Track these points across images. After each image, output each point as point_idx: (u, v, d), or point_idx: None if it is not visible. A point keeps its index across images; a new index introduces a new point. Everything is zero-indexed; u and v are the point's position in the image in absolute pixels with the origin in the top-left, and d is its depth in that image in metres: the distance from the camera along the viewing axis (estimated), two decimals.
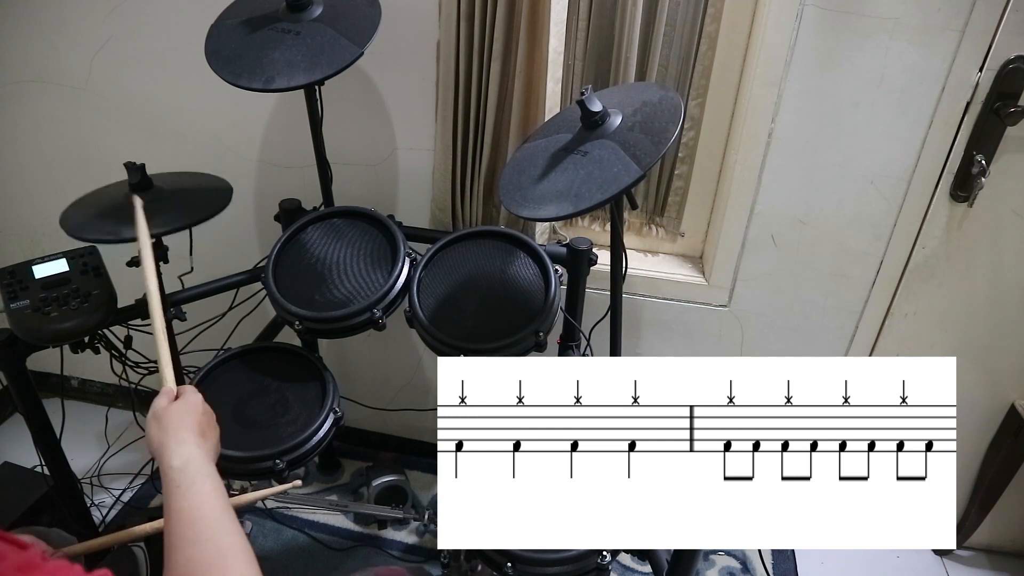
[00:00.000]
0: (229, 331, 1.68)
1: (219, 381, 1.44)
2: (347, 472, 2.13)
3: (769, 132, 1.50)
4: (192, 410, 0.88)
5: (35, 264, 1.37)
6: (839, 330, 1.73)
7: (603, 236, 1.80)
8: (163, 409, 0.87)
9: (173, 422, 0.85)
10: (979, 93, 1.38)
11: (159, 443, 0.83)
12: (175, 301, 1.47)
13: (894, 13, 1.34)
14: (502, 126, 1.54)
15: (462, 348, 1.31)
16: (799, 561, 1.89)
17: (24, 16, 1.72)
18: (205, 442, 0.86)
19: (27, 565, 0.62)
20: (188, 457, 0.81)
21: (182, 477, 0.79)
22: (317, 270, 1.43)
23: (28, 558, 0.63)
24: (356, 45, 1.28)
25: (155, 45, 1.69)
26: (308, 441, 1.34)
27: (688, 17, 1.54)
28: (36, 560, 0.63)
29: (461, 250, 1.46)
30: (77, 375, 2.34)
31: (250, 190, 1.84)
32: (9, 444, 2.10)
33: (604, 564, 1.16)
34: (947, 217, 1.52)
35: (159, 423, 0.85)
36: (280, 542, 1.88)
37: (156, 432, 0.85)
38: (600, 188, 1.10)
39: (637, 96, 1.23)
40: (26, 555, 0.63)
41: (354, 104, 1.66)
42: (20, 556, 0.63)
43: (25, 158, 1.94)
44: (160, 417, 0.86)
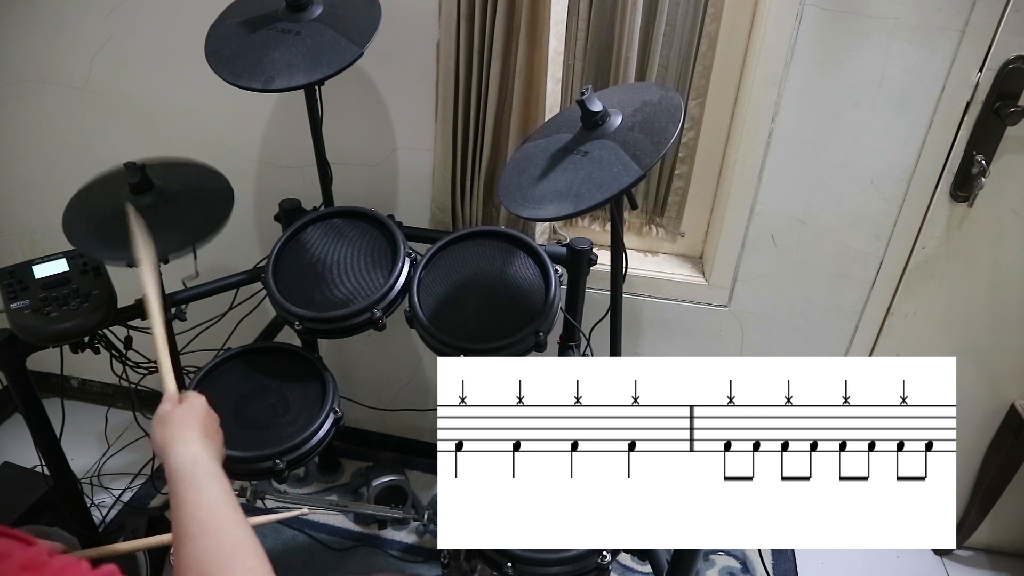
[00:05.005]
0: (229, 331, 1.68)
1: (219, 381, 1.44)
2: (347, 472, 2.13)
3: (769, 132, 1.50)
4: (197, 412, 0.89)
5: (35, 264, 1.37)
6: (839, 330, 1.73)
7: (603, 236, 1.80)
8: (168, 413, 0.88)
9: (179, 422, 0.86)
10: (979, 93, 1.38)
11: (164, 443, 0.84)
12: (176, 301, 1.47)
13: (894, 13, 1.34)
14: (502, 126, 1.54)
15: (462, 348, 1.31)
16: (799, 561, 1.89)
17: (24, 16, 1.72)
18: (211, 442, 0.87)
19: (33, 563, 0.61)
20: (195, 455, 0.82)
21: (191, 473, 0.80)
22: (317, 270, 1.43)
23: (34, 555, 0.62)
24: (356, 45, 1.28)
25: (155, 45, 1.69)
26: (308, 441, 1.34)
27: (688, 17, 1.54)
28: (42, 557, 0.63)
29: (461, 250, 1.46)
30: (77, 375, 2.33)
31: (250, 190, 1.84)
32: (9, 444, 2.10)
33: (604, 564, 1.16)
34: (947, 217, 1.51)
35: (164, 425, 0.87)
36: (280, 542, 1.88)
37: (161, 433, 0.86)
38: (600, 188, 1.10)
39: (637, 96, 1.23)
40: (32, 552, 0.63)
41: (354, 104, 1.66)
42: (26, 553, 0.62)
43: (25, 158, 1.94)
44: (165, 420, 0.87)
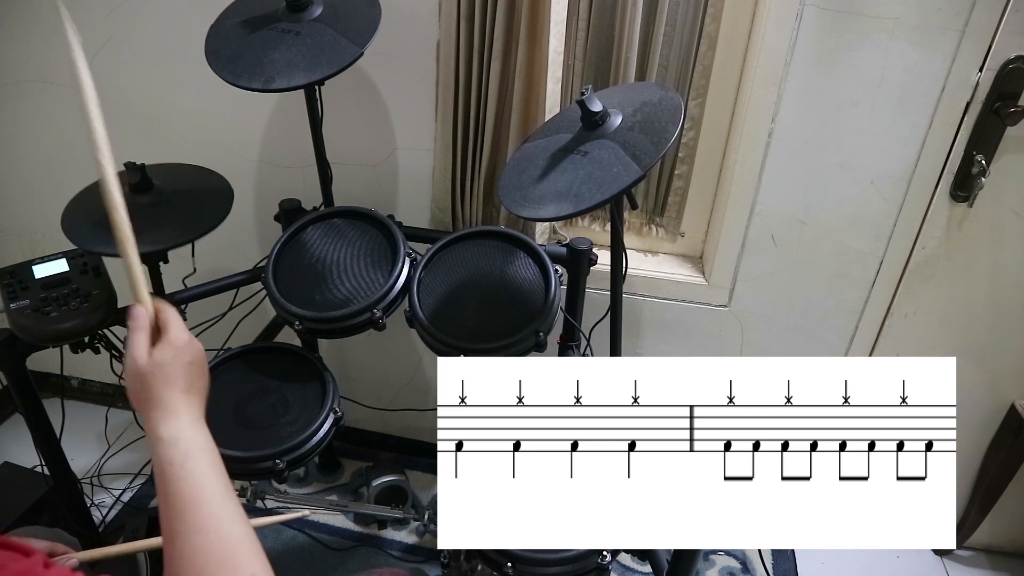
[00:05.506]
0: (229, 331, 1.67)
1: (219, 381, 1.44)
2: (347, 472, 2.13)
3: (769, 132, 1.50)
4: (178, 358, 0.75)
5: (35, 264, 1.37)
6: (839, 330, 1.73)
7: (603, 236, 1.80)
8: (144, 363, 0.73)
9: (157, 379, 0.73)
10: (979, 93, 1.38)
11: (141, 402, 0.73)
12: (176, 301, 1.47)
13: (894, 13, 1.34)
14: (502, 126, 1.54)
15: (462, 348, 1.31)
16: (799, 561, 1.89)
17: (24, 16, 1.72)
18: (194, 396, 0.75)
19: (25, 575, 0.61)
20: (179, 425, 0.72)
21: (175, 451, 0.70)
22: (317, 270, 1.43)
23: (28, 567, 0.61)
24: (356, 45, 1.28)
25: (155, 45, 1.69)
26: (308, 441, 1.34)
27: (688, 17, 1.54)
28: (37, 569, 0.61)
29: (461, 250, 1.46)
30: (77, 375, 2.33)
31: (250, 190, 1.84)
32: (9, 444, 2.10)
33: (604, 564, 1.16)
34: (947, 217, 1.51)
35: (141, 380, 0.73)
36: (280, 542, 1.88)
37: (137, 388, 0.74)
38: (600, 188, 1.10)
39: (637, 96, 1.23)
40: (26, 564, 0.61)
41: (354, 104, 1.66)
42: (19, 565, 0.61)
43: (25, 158, 1.94)
44: (142, 373, 0.73)
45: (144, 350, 0.74)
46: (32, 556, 0.63)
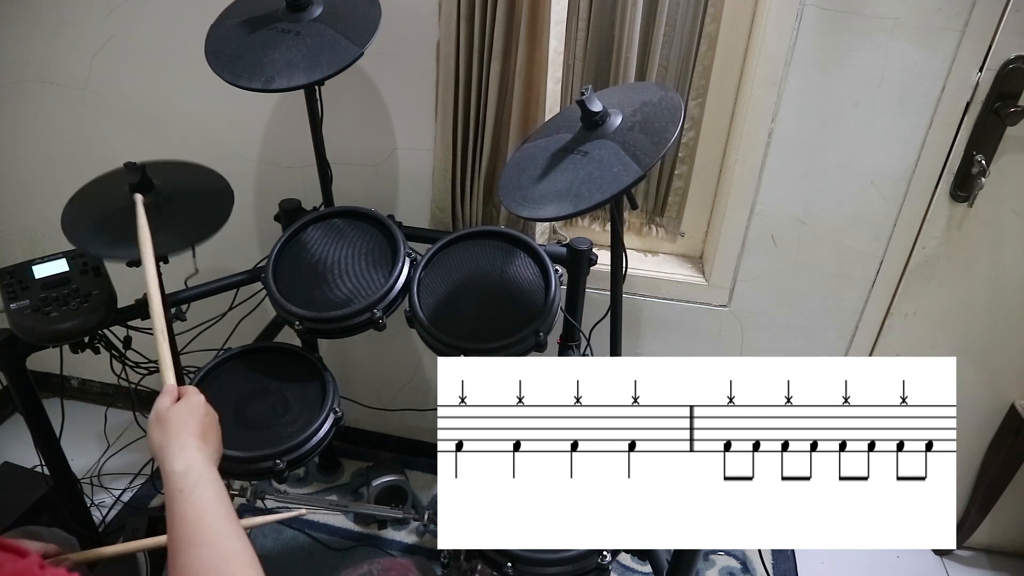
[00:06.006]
0: (229, 331, 1.67)
1: (219, 381, 1.44)
2: (347, 472, 2.13)
3: (769, 132, 1.50)
4: (194, 412, 0.88)
5: (35, 264, 1.37)
6: (839, 330, 1.73)
7: (603, 236, 1.80)
8: (165, 410, 0.87)
9: (175, 424, 0.85)
10: (979, 93, 1.38)
11: (161, 446, 0.84)
12: (176, 301, 1.47)
13: (894, 13, 1.34)
14: (502, 126, 1.54)
15: (462, 348, 1.31)
16: (799, 561, 1.89)
17: (24, 16, 1.72)
18: (207, 445, 0.86)
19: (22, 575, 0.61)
20: (190, 462, 0.81)
21: (184, 482, 0.79)
22: (317, 270, 1.43)
23: (24, 568, 0.62)
24: (356, 45, 1.28)
25: (155, 45, 1.69)
26: (308, 441, 1.34)
27: (688, 17, 1.54)
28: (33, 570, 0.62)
29: (461, 250, 1.46)
30: (77, 375, 2.33)
31: (250, 190, 1.84)
32: (9, 444, 2.10)
33: (604, 564, 1.16)
34: (947, 217, 1.51)
35: (161, 425, 0.86)
36: (280, 542, 1.88)
37: (158, 435, 0.85)
38: (600, 188, 1.10)
39: (637, 96, 1.23)
40: (22, 565, 0.62)
41: (354, 104, 1.66)
42: (16, 566, 0.62)
43: (25, 158, 1.94)
44: (163, 420, 0.86)
45: (167, 405, 0.88)
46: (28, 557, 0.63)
